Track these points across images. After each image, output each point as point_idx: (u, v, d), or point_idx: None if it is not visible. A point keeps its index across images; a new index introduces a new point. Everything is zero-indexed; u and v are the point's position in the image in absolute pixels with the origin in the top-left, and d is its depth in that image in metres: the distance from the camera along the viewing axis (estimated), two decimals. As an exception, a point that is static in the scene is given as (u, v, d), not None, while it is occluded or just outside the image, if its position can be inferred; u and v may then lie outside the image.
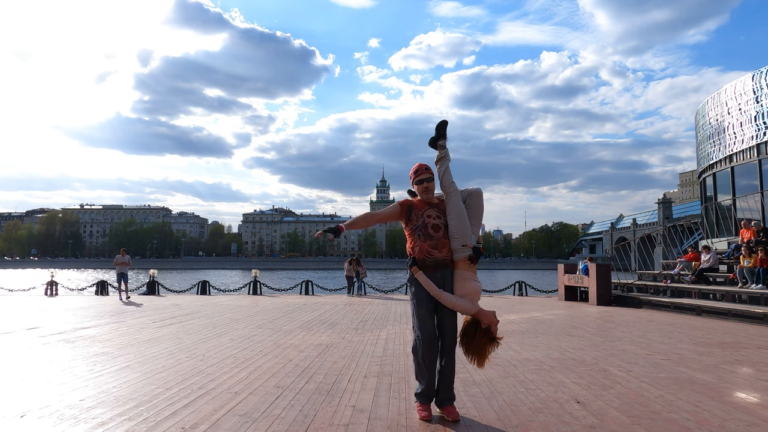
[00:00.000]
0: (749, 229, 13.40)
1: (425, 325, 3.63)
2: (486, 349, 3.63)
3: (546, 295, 18.85)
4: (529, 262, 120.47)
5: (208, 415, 3.72)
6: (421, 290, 3.66)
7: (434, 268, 3.67)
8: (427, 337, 3.61)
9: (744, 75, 17.90)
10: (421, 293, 3.66)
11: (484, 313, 3.63)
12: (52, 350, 6.51)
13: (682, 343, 7.20)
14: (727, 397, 4.32)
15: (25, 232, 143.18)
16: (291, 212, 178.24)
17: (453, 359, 3.68)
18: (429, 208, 3.77)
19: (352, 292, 19.01)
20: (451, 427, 3.50)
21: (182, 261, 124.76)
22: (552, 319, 10.29)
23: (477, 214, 3.79)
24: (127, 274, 16.32)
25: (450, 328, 3.67)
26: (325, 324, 9.41)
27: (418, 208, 3.78)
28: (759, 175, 16.88)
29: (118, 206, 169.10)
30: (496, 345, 3.64)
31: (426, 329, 3.62)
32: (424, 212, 3.74)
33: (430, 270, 3.66)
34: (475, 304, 3.65)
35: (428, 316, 3.65)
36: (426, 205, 3.79)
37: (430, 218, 3.71)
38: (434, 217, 3.72)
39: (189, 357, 6.04)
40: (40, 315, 11.08)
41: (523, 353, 6.35)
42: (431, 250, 3.65)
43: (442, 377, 3.68)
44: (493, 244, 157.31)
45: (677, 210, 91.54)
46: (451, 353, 3.67)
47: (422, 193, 3.80)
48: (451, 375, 3.70)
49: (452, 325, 3.69)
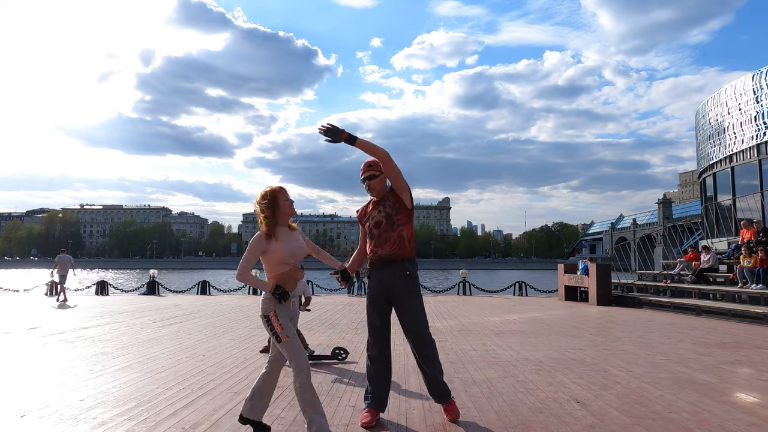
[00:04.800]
0: (749, 229, 13.40)
1: (372, 324, 3.61)
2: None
3: (546, 295, 18.84)
4: (529, 262, 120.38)
5: (208, 415, 3.72)
6: (372, 289, 3.62)
7: (379, 265, 3.57)
8: (375, 337, 3.59)
9: (744, 75, 17.90)
10: (371, 292, 3.62)
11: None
12: (52, 350, 6.51)
13: (682, 343, 7.20)
14: (727, 397, 4.32)
15: (25, 232, 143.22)
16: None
17: (425, 354, 3.54)
18: (375, 208, 3.62)
19: (352, 292, 19.02)
20: (452, 427, 3.50)
21: (182, 261, 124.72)
22: (552, 319, 10.29)
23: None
24: (66, 275, 15.27)
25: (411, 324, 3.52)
26: (325, 324, 9.41)
27: (369, 211, 3.66)
28: (759, 175, 16.89)
29: (118, 206, 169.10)
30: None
31: (373, 328, 3.60)
32: (370, 214, 3.62)
33: (377, 268, 3.58)
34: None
35: (376, 315, 3.59)
36: (374, 205, 3.63)
37: (373, 219, 3.59)
38: (375, 215, 3.59)
39: (189, 357, 6.04)
40: (40, 315, 11.08)
41: (523, 353, 6.34)
42: (375, 249, 3.56)
43: (425, 375, 3.62)
44: (493, 244, 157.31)
45: (677, 210, 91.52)
46: (421, 348, 3.53)
47: (368, 192, 3.62)
48: (433, 372, 3.56)
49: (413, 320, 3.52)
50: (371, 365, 3.61)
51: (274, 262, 3.18)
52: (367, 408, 3.57)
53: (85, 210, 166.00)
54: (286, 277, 3.18)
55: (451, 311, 11.86)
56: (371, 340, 3.62)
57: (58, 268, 15.27)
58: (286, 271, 3.19)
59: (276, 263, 3.18)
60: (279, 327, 3.08)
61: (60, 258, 15.56)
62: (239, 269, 3.14)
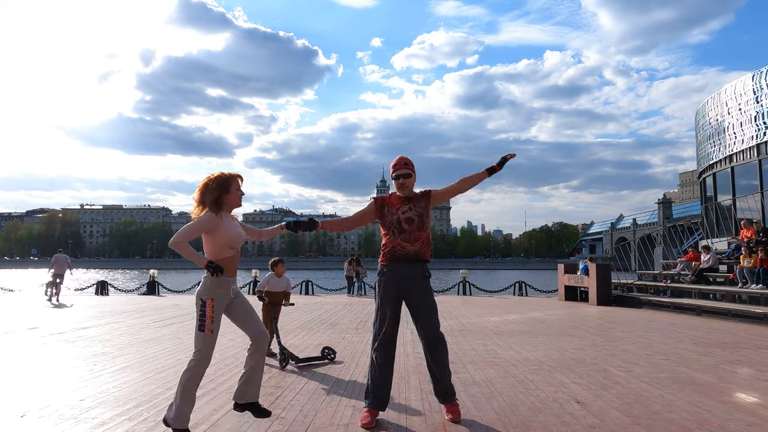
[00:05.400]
0: (749, 229, 13.40)
1: (385, 322, 3.59)
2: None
3: (546, 295, 18.84)
4: (529, 262, 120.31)
5: (208, 415, 3.72)
6: (389, 286, 3.58)
7: (405, 260, 3.59)
8: (385, 337, 3.58)
9: (744, 75, 17.89)
10: (388, 289, 3.59)
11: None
12: (52, 350, 6.51)
13: (682, 343, 7.20)
14: (727, 397, 4.31)
15: (25, 232, 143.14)
16: (291, 212, 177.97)
17: (438, 356, 3.58)
18: (403, 204, 3.67)
19: (352, 292, 19.02)
20: (451, 427, 3.50)
21: (182, 261, 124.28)
22: (552, 319, 10.29)
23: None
24: (63, 274, 15.33)
25: (427, 325, 3.56)
26: (325, 324, 9.40)
27: (392, 204, 3.69)
28: (759, 175, 16.87)
29: (118, 206, 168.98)
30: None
31: (385, 327, 3.58)
32: (398, 209, 3.64)
33: (400, 263, 3.59)
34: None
35: (391, 313, 3.59)
36: (401, 201, 3.68)
37: (404, 214, 3.62)
38: (406, 211, 3.63)
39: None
40: (40, 315, 11.07)
41: (523, 353, 6.34)
42: (404, 243, 3.58)
43: (433, 375, 3.63)
44: (493, 244, 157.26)
45: (677, 210, 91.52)
46: (435, 350, 3.57)
47: (398, 188, 3.70)
48: (444, 372, 3.61)
49: (429, 321, 3.57)
50: (376, 365, 3.59)
51: (220, 243, 3.14)
52: (367, 408, 3.57)
53: (85, 210, 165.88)
54: (228, 263, 3.16)
55: (451, 311, 11.86)
56: (380, 342, 3.58)
57: (54, 267, 15.23)
58: (229, 256, 3.17)
59: (222, 245, 3.14)
60: (210, 318, 3.08)
61: (56, 258, 15.52)
62: (177, 236, 3.02)
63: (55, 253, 15.96)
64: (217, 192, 3.14)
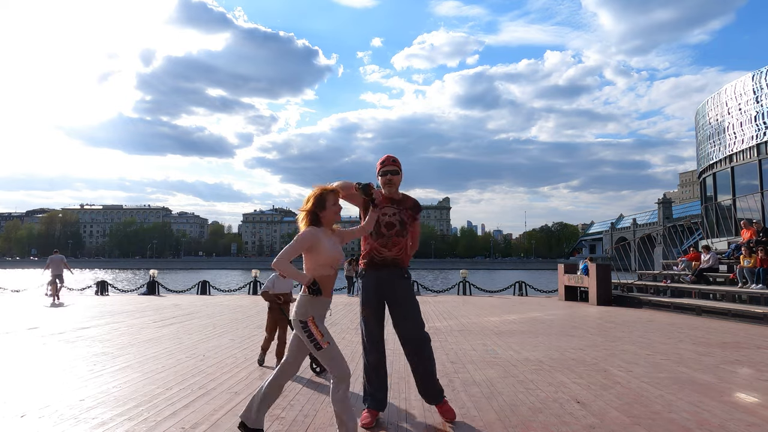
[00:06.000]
0: (749, 228, 13.40)
1: (369, 327, 3.60)
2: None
3: (546, 295, 18.85)
4: (529, 262, 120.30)
5: (208, 415, 3.72)
6: (369, 292, 3.59)
7: (382, 266, 3.58)
8: (372, 341, 3.58)
9: (744, 75, 17.90)
10: (368, 295, 3.60)
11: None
12: (52, 350, 6.51)
13: (682, 343, 7.20)
14: (727, 397, 4.32)
15: (25, 232, 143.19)
16: (291, 212, 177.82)
17: (427, 355, 3.59)
18: (387, 205, 3.62)
19: (352, 292, 19.01)
20: (451, 427, 3.50)
21: (182, 261, 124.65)
22: (552, 319, 10.29)
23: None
24: (61, 274, 15.30)
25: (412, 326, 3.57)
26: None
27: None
28: (759, 175, 16.88)
29: (118, 206, 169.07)
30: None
31: (370, 331, 3.59)
32: (381, 209, 3.60)
33: (377, 268, 3.58)
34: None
35: (373, 318, 3.60)
36: (385, 202, 3.63)
37: (384, 216, 3.58)
38: (389, 215, 3.59)
39: (189, 357, 6.04)
40: (40, 315, 11.07)
41: (523, 353, 6.34)
42: (381, 249, 3.57)
43: (420, 377, 3.62)
44: (493, 244, 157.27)
45: (677, 210, 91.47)
46: (422, 350, 3.58)
47: (384, 185, 3.65)
48: (431, 370, 3.60)
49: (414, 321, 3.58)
50: (370, 369, 3.61)
51: (321, 262, 3.02)
52: (366, 408, 3.58)
53: (85, 210, 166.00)
54: (327, 282, 3.04)
55: (451, 311, 11.86)
56: (368, 344, 3.60)
57: (51, 268, 15.23)
58: (329, 275, 3.05)
59: (322, 264, 3.02)
60: (318, 334, 2.94)
61: (51, 259, 15.51)
62: (279, 256, 2.92)
63: (51, 255, 15.96)
64: (314, 210, 3.08)
